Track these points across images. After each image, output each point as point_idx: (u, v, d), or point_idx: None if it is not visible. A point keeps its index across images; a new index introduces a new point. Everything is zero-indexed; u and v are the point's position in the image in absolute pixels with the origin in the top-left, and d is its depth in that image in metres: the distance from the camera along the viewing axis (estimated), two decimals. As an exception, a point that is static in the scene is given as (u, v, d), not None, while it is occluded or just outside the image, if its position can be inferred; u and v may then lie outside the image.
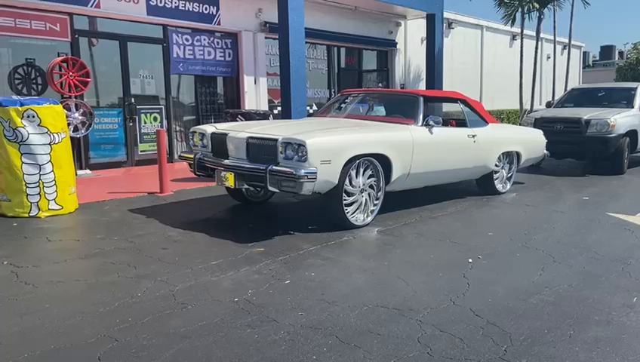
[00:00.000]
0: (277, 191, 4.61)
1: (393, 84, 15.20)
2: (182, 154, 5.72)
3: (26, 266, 3.90)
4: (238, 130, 5.11)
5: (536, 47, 17.68)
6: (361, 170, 4.98)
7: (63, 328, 2.86)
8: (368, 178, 5.10)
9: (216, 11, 10.60)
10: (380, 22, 14.32)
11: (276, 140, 4.63)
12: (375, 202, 5.21)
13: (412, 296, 3.38)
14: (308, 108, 10.91)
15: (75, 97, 8.39)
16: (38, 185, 5.44)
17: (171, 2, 9.87)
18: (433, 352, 2.62)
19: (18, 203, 5.41)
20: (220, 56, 11.05)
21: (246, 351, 2.63)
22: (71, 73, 8.18)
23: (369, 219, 5.14)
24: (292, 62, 9.05)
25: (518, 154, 7.29)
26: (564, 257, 4.25)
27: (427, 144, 5.63)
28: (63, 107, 6.20)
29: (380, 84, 14.92)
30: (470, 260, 4.13)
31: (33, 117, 5.39)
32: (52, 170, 5.48)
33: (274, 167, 4.52)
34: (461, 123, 6.66)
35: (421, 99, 5.92)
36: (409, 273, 3.82)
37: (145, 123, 9.96)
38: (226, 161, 4.99)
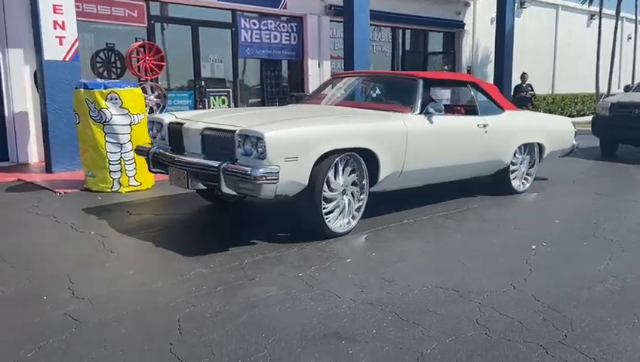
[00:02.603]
0: (234, 193, 3.98)
1: (460, 67, 14.86)
2: (137, 148, 4.91)
3: (111, 237, 4.27)
4: (196, 120, 4.36)
5: (616, 27, 16.65)
6: (340, 168, 4.22)
7: (145, 293, 3.15)
8: (350, 175, 4.33)
9: (283, -5, 10.77)
10: (447, 3, 13.99)
11: (234, 132, 3.87)
12: (357, 205, 4.43)
13: (472, 279, 3.43)
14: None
15: (151, 80, 8.87)
16: (120, 163, 5.87)
17: (240, -13, 10.13)
18: (491, 333, 2.68)
19: (102, 178, 5.87)
20: (286, 40, 11.25)
21: (310, 321, 2.80)
22: (147, 57, 8.64)
23: (353, 223, 4.38)
24: (356, 46, 9.08)
25: (540, 147, 6.23)
26: (635, 247, 4.12)
27: (426, 136, 4.80)
28: (141, 89, 6.60)
29: (446, 67, 14.62)
30: (534, 247, 4.09)
31: (116, 99, 5.80)
32: (132, 149, 5.89)
33: (229, 165, 3.78)
34: (471, 110, 5.67)
35: (420, 82, 5.01)
36: (470, 258, 3.86)
37: (213, 105, 10.36)
38: (179, 157, 4.22)
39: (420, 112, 4.83)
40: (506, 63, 12.39)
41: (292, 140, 3.89)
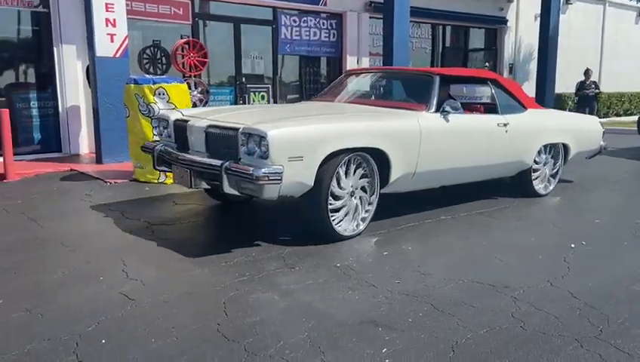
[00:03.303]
0: (237, 193, 3.81)
1: (501, 64, 14.63)
2: (144, 145, 4.88)
3: (159, 224, 4.49)
4: (201, 118, 4.28)
5: (668, 23, 16.00)
6: (352, 169, 4.09)
7: (192, 277, 3.34)
8: (360, 178, 4.18)
9: (324, -8, 10.88)
10: (490, -1, 13.80)
11: (237, 130, 3.77)
12: (367, 208, 4.27)
13: (508, 275, 3.47)
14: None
15: (194, 76, 9.15)
16: (165, 155, 6.13)
17: (282, -15, 10.30)
18: (526, 326, 2.73)
19: (149, 170, 6.14)
20: (325, 37, 11.36)
21: (348, 308, 2.91)
22: (192, 54, 8.92)
23: (361, 227, 4.23)
24: (396, 42, 9.12)
25: (565, 147, 5.95)
26: (679, 249, 4.06)
27: (441, 135, 4.62)
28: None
29: (487, 64, 14.42)
30: (573, 245, 4.08)
31: (163, 94, 6.05)
32: (177, 142, 6.13)
33: (232, 164, 3.67)
34: (491, 109, 5.38)
35: (436, 79, 4.83)
36: (506, 253, 3.89)
37: (253, 101, 10.59)
38: (182, 155, 4.17)
39: (436, 110, 4.65)
40: (550, 61, 12.14)
41: (297, 139, 3.74)
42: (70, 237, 4.11)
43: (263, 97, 10.77)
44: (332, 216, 4.00)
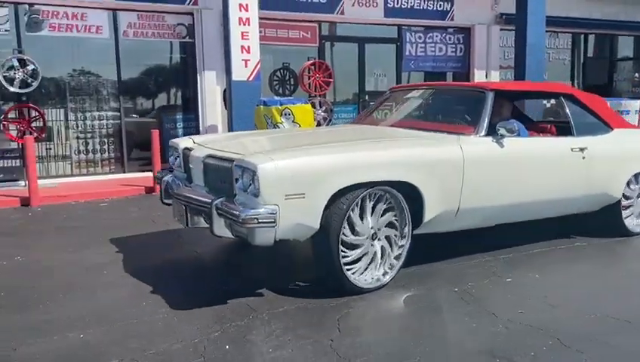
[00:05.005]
0: (230, 236, 3.28)
1: (654, 74, 13.10)
2: (157, 175, 4.35)
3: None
4: (204, 146, 3.80)
5: None
6: (369, 206, 3.34)
7: (314, 293, 3.45)
8: (383, 215, 3.43)
9: (450, 7, 10.70)
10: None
11: (232, 162, 3.26)
12: (397, 253, 3.52)
13: (652, 312, 3.09)
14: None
15: (319, 96, 9.52)
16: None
17: (407, 3, 10.33)
18: (672, 374, 2.42)
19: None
20: (452, 52, 11.14)
21: (463, 335, 2.82)
22: (317, 75, 9.31)
23: (386, 278, 3.47)
24: (529, 54, 8.68)
25: None
26: None
27: (493, 163, 3.84)
28: (310, 105, 7.17)
29: (637, 74, 13.02)
30: None
31: (289, 114, 6.41)
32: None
33: (222, 203, 3.15)
34: (565, 130, 4.51)
35: (489, 95, 3.99)
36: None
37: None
38: (180, 189, 3.74)
39: (487, 134, 3.86)
40: None
41: (296, 172, 3.10)
42: (206, 249, 4.49)
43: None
44: (350, 269, 3.32)
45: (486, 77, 11.21)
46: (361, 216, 3.33)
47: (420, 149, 3.66)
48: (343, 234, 3.23)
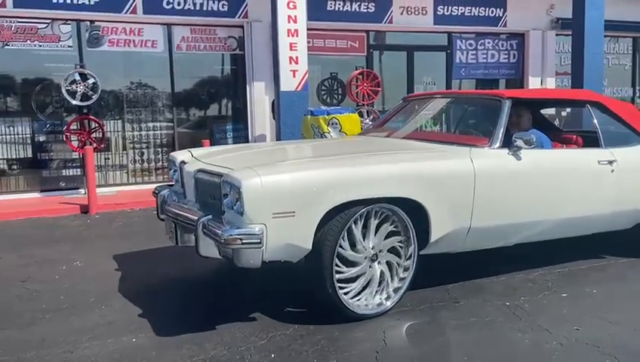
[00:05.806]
0: (218, 257, 3.04)
1: None
2: (154, 190, 4.09)
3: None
4: (199, 160, 3.63)
5: None
6: (373, 224, 3.11)
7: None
8: (387, 238, 3.19)
9: (503, 13, 10.45)
10: None
11: (222, 176, 3.05)
12: (402, 275, 3.26)
13: None
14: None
15: (367, 105, 9.49)
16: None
17: (458, 9, 10.17)
18: None
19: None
20: (504, 58, 10.87)
21: (515, 352, 2.72)
22: (365, 84, 9.29)
23: (388, 303, 3.21)
24: (587, 60, 8.34)
25: None
26: None
27: (509, 178, 3.53)
28: (358, 114, 7.16)
29: None
30: None
31: (336, 124, 6.43)
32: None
33: (208, 221, 2.97)
34: (592, 140, 4.15)
35: (505, 104, 3.68)
36: None
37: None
38: (171, 205, 3.59)
39: (503, 146, 3.55)
40: None
41: (283, 189, 2.87)
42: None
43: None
44: (344, 288, 3.07)
45: (541, 83, 10.87)
46: (364, 234, 3.10)
47: (424, 163, 3.38)
48: (341, 247, 3.01)
